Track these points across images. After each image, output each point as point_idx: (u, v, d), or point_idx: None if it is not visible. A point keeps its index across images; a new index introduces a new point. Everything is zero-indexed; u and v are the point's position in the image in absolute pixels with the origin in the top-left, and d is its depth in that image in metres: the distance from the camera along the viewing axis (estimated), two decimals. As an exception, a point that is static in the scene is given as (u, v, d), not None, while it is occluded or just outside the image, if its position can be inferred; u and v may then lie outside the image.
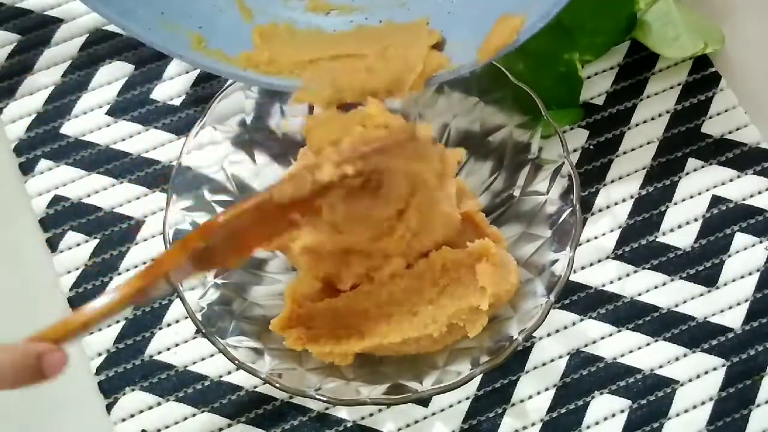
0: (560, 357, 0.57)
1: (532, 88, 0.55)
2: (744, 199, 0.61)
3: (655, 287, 0.59)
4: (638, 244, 0.60)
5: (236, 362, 0.50)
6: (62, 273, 0.60)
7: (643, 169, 0.62)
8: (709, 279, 0.59)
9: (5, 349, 0.41)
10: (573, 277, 0.59)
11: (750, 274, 0.59)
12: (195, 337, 0.58)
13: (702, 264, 0.59)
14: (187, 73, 0.65)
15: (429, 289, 0.52)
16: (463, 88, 0.58)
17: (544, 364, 0.57)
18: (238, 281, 0.55)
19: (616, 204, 0.61)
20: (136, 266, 0.60)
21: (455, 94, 0.58)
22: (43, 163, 0.63)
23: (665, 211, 0.61)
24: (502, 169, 0.58)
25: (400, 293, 0.52)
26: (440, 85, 0.58)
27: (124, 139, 0.64)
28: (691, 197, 0.61)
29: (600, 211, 0.61)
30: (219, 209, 0.56)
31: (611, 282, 0.59)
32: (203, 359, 0.58)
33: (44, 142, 0.64)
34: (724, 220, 0.60)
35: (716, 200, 0.61)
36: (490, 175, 0.58)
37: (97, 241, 0.61)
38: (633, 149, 0.63)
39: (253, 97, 0.57)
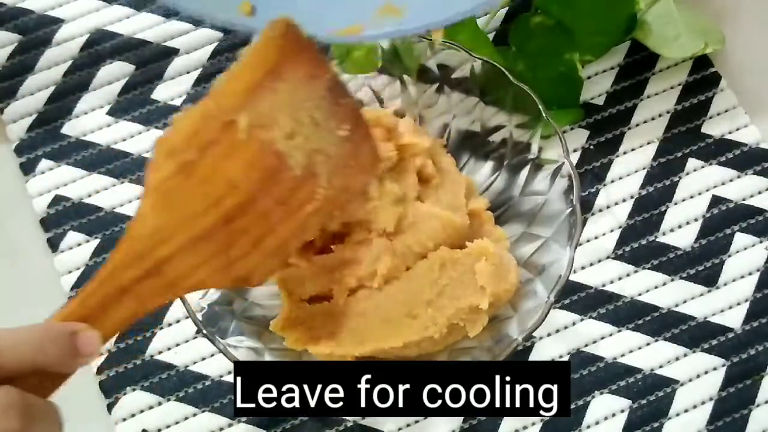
0: (560, 357, 0.57)
1: (532, 88, 0.55)
2: (744, 199, 0.61)
3: (655, 287, 0.59)
4: (638, 244, 0.60)
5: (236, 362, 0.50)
6: (63, 273, 0.60)
7: (643, 169, 0.62)
8: (709, 279, 0.59)
9: (37, 327, 0.39)
10: (573, 277, 0.59)
11: (750, 274, 0.59)
12: (195, 337, 0.58)
13: (702, 264, 0.59)
14: (188, 73, 0.65)
15: (428, 290, 0.51)
16: (463, 88, 0.58)
17: (544, 364, 0.57)
18: (238, 281, 0.55)
19: (616, 204, 0.61)
20: (136, 266, 0.60)
21: (455, 94, 0.58)
22: (44, 163, 0.63)
23: (665, 211, 0.61)
24: (502, 169, 0.58)
25: (399, 296, 0.52)
26: (440, 85, 0.58)
27: (125, 139, 0.64)
28: (691, 197, 0.61)
29: (600, 211, 0.61)
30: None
31: (611, 282, 0.59)
32: (203, 359, 0.58)
33: (45, 142, 0.64)
34: (724, 220, 0.60)
35: (716, 200, 0.61)
36: (490, 175, 0.58)
37: (98, 241, 0.61)
38: (633, 149, 0.63)
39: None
